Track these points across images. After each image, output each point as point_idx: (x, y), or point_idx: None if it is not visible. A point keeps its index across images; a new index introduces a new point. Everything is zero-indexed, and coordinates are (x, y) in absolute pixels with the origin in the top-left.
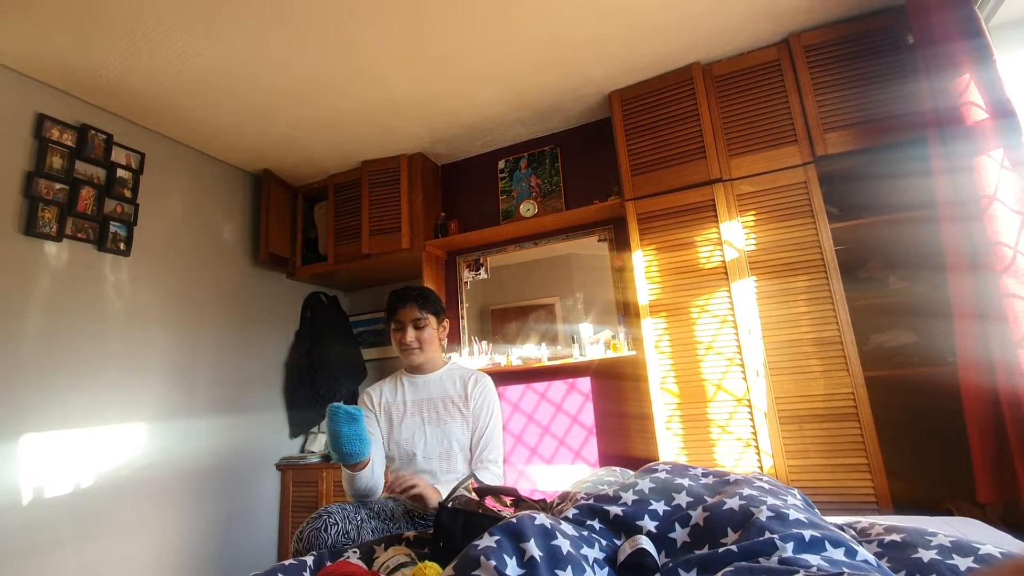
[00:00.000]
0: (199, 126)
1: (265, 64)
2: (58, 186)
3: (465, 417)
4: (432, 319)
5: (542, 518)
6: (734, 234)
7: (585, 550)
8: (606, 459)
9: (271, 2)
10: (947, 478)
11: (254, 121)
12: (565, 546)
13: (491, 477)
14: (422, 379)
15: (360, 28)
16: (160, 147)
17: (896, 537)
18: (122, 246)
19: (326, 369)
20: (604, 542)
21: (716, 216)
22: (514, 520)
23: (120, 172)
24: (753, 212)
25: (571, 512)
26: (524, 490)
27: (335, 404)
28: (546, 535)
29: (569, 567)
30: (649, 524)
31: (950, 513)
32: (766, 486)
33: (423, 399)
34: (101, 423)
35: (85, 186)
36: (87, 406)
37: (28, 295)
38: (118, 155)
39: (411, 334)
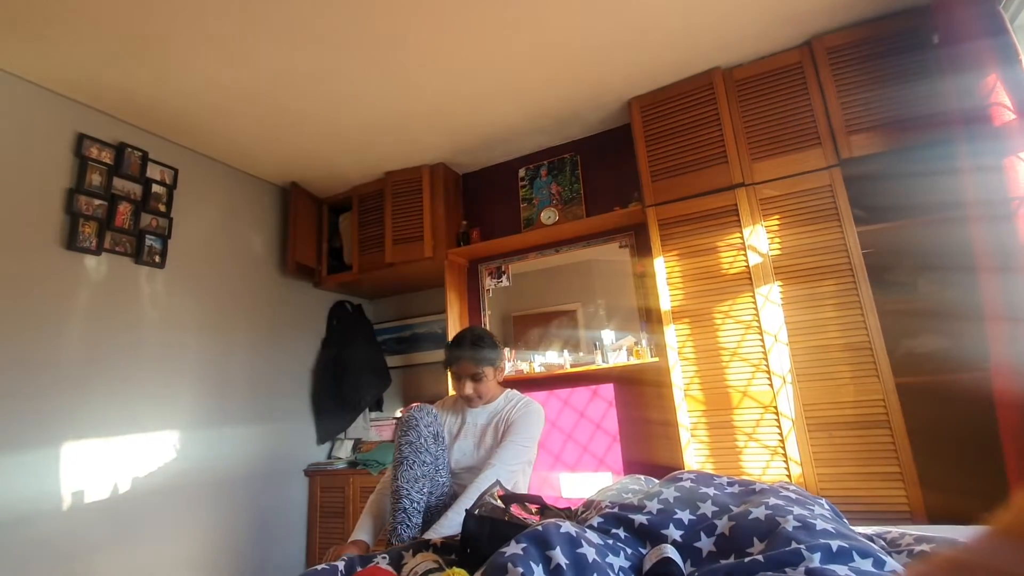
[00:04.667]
0: (229, 142)
1: (291, 81)
2: (97, 202)
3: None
4: (489, 371)
5: (568, 526)
6: (758, 239)
7: (611, 559)
8: (630, 466)
9: (296, 23)
10: (983, 488)
11: (281, 136)
12: (591, 554)
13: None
14: (481, 408)
15: (383, 44)
16: (193, 163)
17: (926, 547)
18: (157, 259)
19: (352, 376)
20: (629, 551)
21: (739, 221)
22: (540, 528)
23: (155, 187)
24: (777, 216)
25: (596, 520)
26: (548, 497)
27: None
28: (572, 543)
29: (595, 574)
30: (674, 533)
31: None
32: (793, 495)
33: (480, 424)
34: (137, 430)
35: (122, 201)
36: (124, 414)
37: (69, 307)
38: (153, 171)
39: (469, 388)
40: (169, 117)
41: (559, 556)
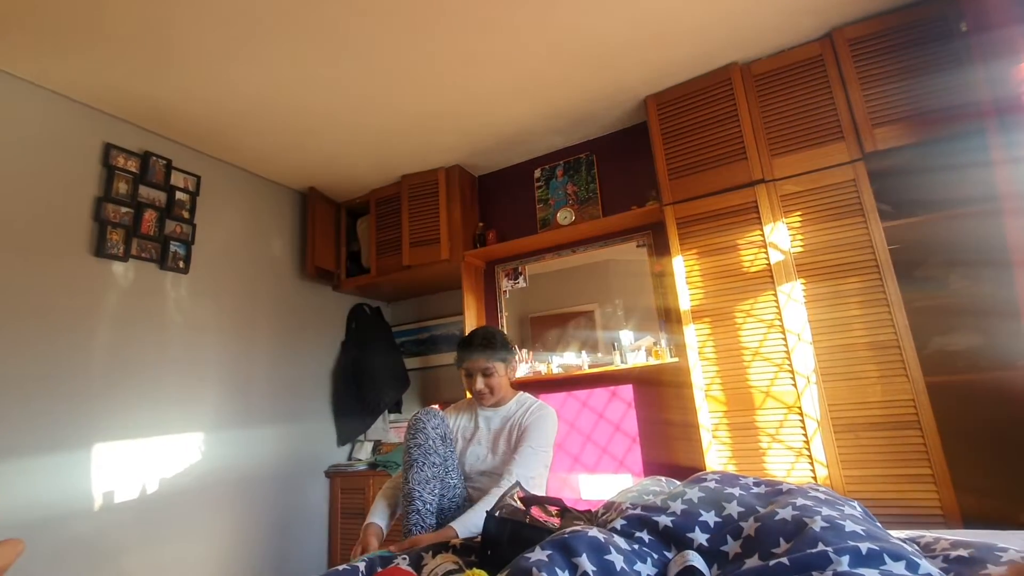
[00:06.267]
0: (249, 149)
1: (308, 87)
2: (124, 210)
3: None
4: (500, 366)
5: (595, 532)
6: (779, 236)
7: (638, 566)
8: (651, 468)
9: (313, 29)
10: (1020, 489)
11: (300, 142)
12: (619, 562)
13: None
14: (493, 411)
15: (397, 48)
16: (214, 170)
17: (963, 552)
18: (181, 264)
19: (371, 378)
20: (655, 556)
21: (759, 218)
22: (566, 534)
23: (179, 195)
24: (799, 213)
25: (619, 523)
26: (568, 499)
27: None
28: (599, 550)
29: None
30: (700, 537)
31: None
32: (822, 496)
33: (493, 428)
34: (164, 432)
35: (148, 209)
36: (151, 416)
37: (98, 313)
38: (177, 179)
39: (480, 383)
40: (192, 125)
41: (586, 564)
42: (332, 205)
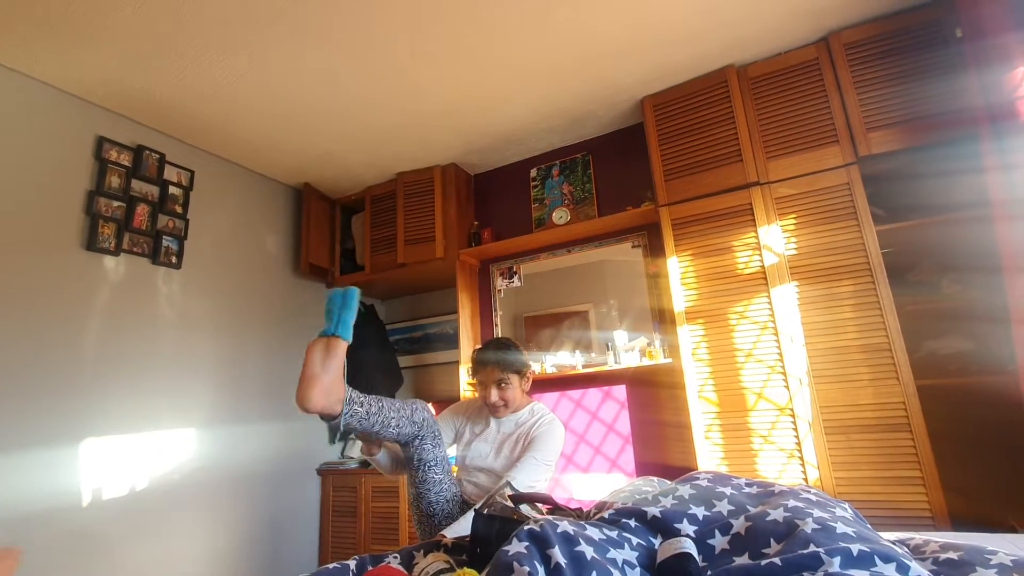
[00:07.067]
0: (244, 144)
1: (304, 83)
2: (116, 204)
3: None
4: (515, 378)
5: (564, 525)
6: (773, 238)
7: (612, 553)
8: (643, 468)
9: (310, 25)
10: (1010, 492)
11: (295, 137)
12: (588, 552)
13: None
14: (506, 417)
15: (396, 46)
16: (208, 165)
17: (952, 555)
18: (174, 259)
19: (364, 376)
20: (636, 540)
21: (754, 220)
22: (537, 527)
23: (172, 189)
24: (793, 215)
25: (607, 513)
26: (560, 499)
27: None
28: (568, 542)
29: (594, 572)
30: (687, 528)
31: (1013, 530)
32: (813, 498)
33: (503, 431)
34: (154, 428)
35: (140, 203)
36: (141, 412)
37: (89, 307)
38: (170, 173)
39: (495, 395)
40: (185, 119)
41: (558, 555)
42: (327, 202)
